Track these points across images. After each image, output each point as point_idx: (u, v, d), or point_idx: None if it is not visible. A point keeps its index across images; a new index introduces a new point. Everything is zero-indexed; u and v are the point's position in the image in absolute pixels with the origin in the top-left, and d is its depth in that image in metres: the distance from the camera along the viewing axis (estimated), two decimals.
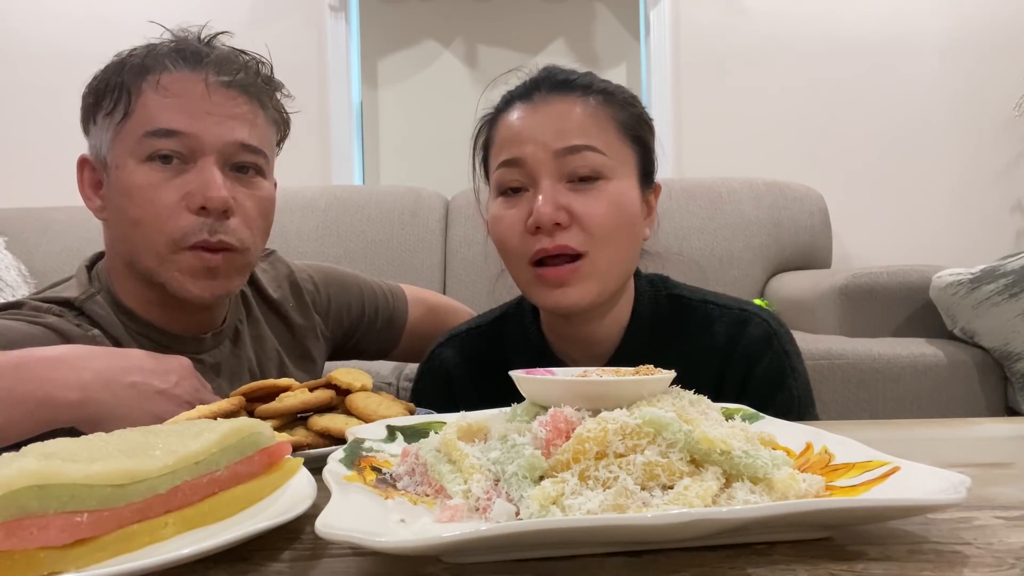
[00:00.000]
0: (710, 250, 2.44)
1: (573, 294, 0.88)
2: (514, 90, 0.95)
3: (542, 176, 0.88)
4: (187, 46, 0.91)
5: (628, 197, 0.90)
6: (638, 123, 0.94)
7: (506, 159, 0.90)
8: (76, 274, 0.96)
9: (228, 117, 0.90)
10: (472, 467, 0.47)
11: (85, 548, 0.39)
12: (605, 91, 0.93)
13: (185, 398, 0.77)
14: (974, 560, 0.40)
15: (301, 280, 1.13)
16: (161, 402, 0.75)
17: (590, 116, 0.90)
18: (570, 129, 0.88)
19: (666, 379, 0.56)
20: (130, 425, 0.53)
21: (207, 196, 0.87)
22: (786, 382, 0.93)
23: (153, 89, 0.88)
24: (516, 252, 0.90)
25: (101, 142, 0.90)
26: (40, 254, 2.40)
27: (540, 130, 0.89)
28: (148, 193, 0.87)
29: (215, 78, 0.89)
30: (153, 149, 0.87)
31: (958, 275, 1.82)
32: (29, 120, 2.77)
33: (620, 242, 0.90)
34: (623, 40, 3.07)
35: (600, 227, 0.87)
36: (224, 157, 0.89)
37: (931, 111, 2.86)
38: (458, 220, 2.56)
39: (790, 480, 0.45)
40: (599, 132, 0.89)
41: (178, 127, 0.87)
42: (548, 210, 0.85)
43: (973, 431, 0.81)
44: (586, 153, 0.87)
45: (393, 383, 1.71)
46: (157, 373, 0.76)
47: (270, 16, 2.86)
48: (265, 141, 0.94)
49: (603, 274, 0.89)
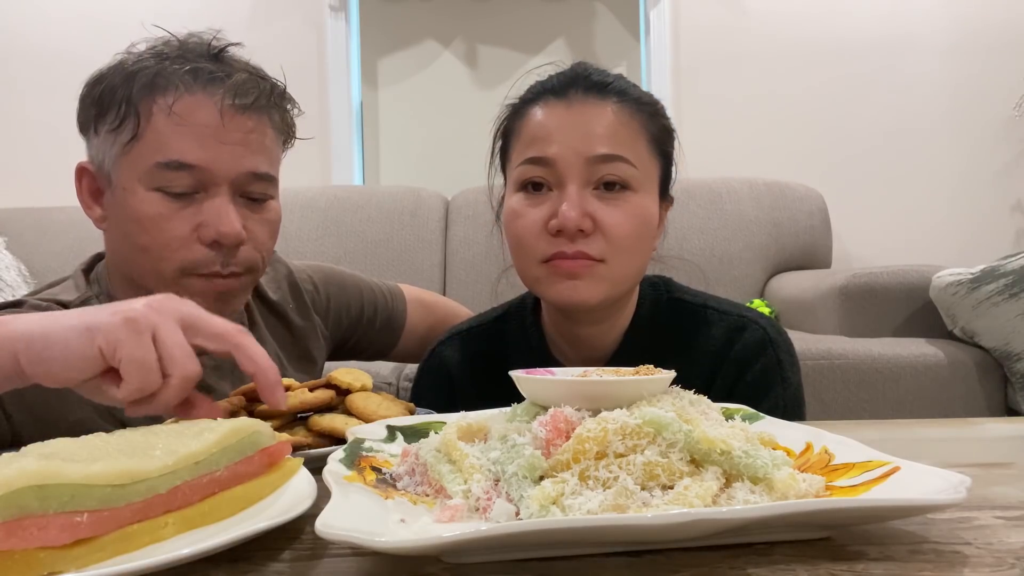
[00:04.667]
0: (710, 250, 2.44)
1: (584, 289, 0.87)
2: (546, 82, 0.93)
3: (570, 180, 0.87)
4: (201, 66, 0.87)
5: (650, 210, 0.91)
6: (666, 136, 0.94)
7: (534, 156, 0.88)
8: (73, 277, 0.95)
9: (241, 145, 0.87)
10: (472, 467, 0.47)
11: (85, 548, 0.39)
12: (639, 100, 0.92)
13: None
14: (974, 560, 0.40)
15: (300, 280, 1.13)
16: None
17: (624, 125, 0.89)
18: (605, 136, 0.87)
19: (666, 379, 0.56)
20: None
21: (221, 232, 0.85)
22: (773, 390, 0.92)
23: (165, 114, 0.85)
24: (531, 250, 0.89)
25: (104, 155, 0.88)
26: (40, 254, 2.40)
27: (574, 132, 0.87)
28: (159, 223, 0.85)
29: (229, 103, 0.86)
30: (166, 182, 0.85)
31: (958, 275, 1.82)
32: (29, 120, 2.77)
33: (637, 253, 0.90)
34: (623, 40, 3.07)
35: (622, 238, 0.87)
36: (236, 187, 0.88)
37: (931, 111, 2.86)
38: (458, 220, 2.56)
39: (790, 480, 0.45)
40: (632, 142, 0.89)
41: (192, 160, 0.85)
42: (574, 215, 0.84)
43: (973, 431, 0.81)
44: (618, 163, 0.87)
45: (393, 383, 1.71)
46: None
47: (270, 16, 2.86)
48: (275, 161, 0.93)
49: (616, 281, 0.90)
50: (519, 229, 0.90)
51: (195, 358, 0.58)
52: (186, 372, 0.57)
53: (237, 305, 0.94)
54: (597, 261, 0.87)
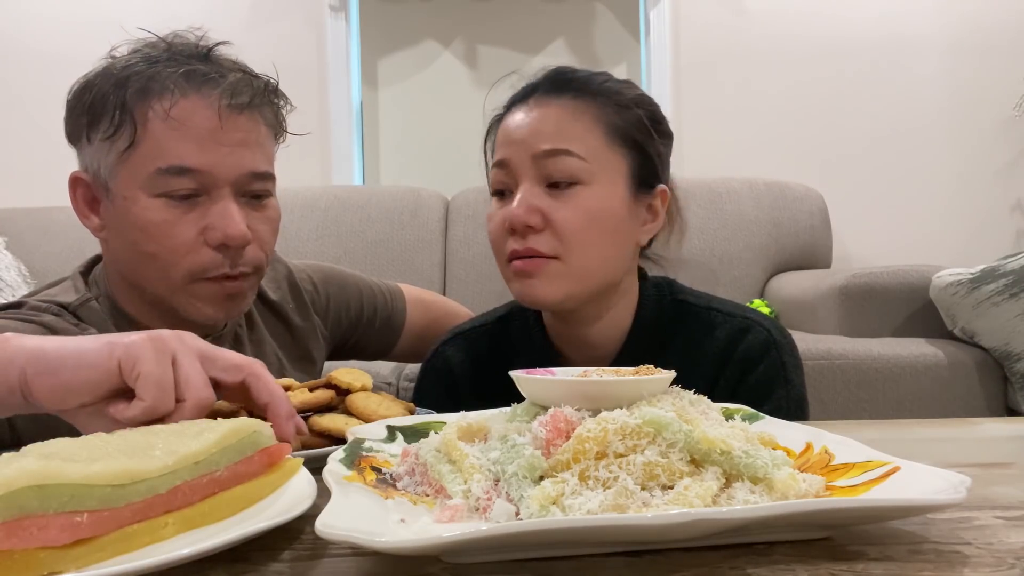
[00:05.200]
0: (710, 250, 2.44)
1: (539, 287, 0.88)
2: (518, 92, 0.95)
3: (522, 179, 0.89)
4: (194, 67, 0.86)
5: (607, 203, 0.89)
6: (636, 127, 0.92)
7: (496, 160, 0.92)
8: (71, 278, 0.95)
9: (240, 146, 0.87)
10: (472, 467, 0.47)
11: (85, 548, 0.39)
12: (603, 92, 0.92)
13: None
14: (974, 560, 0.40)
15: (300, 280, 1.13)
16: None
17: (575, 119, 0.89)
18: (550, 132, 0.88)
19: (666, 379, 0.56)
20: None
21: (227, 234, 0.85)
22: (775, 392, 0.92)
23: (161, 119, 0.84)
24: (499, 252, 0.92)
25: (99, 164, 0.87)
26: (40, 254, 2.40)
27: (524, 132, 0.89)
28: (164, 229, 0.85)
29: (226, 103, 0.85)
30: (168, 187, 0.84)
31: (958, 275, 1.82)
32: (29, 121, 2.77)
33: (596, 248, 0.89)
34: (623, 40, 3.07)
35: (573, 233, 0.87)
36: (238, 188, 0.88)
37: (931, 111, 2.86)
38: (458, 220, 2.56)
39: (790, 480, 0.45)
40: (582, 135, 0.89)
41: (192, 164, 0.84)
42: (519, 212, 0.87)
43: (973, 431, 0.81)
44: (563, 157, 0.87)
45: (393, 383, 1.71)
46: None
47: (270, 16, 2.86)
48: (271, 157, 0.94)
49: (577, 277, 0.89)
50: (489, 233, 0.93)
51: (211, 387, 0.59)
52: (200, 397, 0.57)
53: (245, 306, 0.94)
54: (550, 258, 0.88)
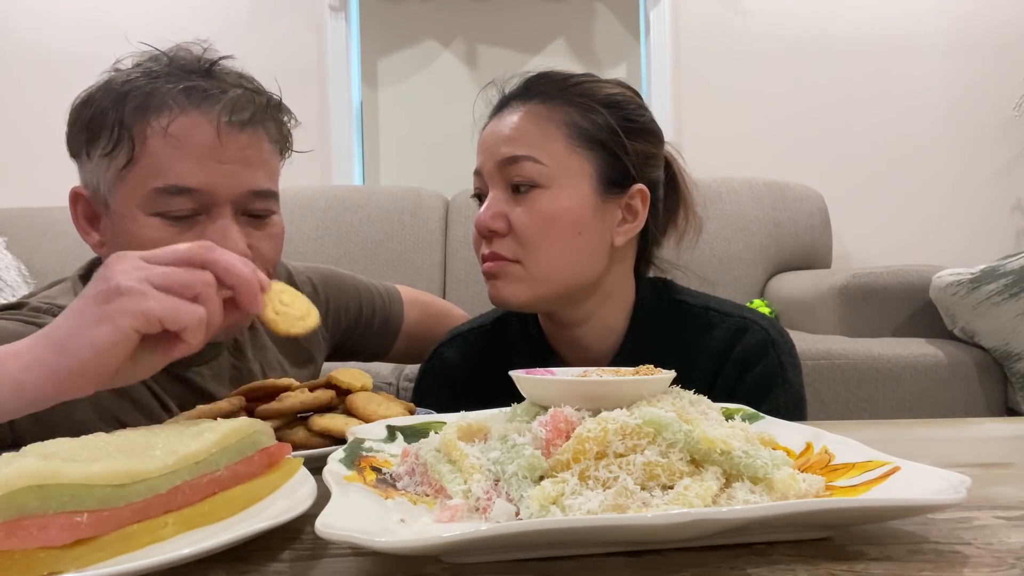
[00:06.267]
0: (710, 250, 2.44)
1: (503, 289, 0.91)
2: (497, 101, 0.98)
3: (492, 185, 0.92)
4: (194, 83, 0.84)
5: (566, 205, 0.89)
6: (602, 128, 0.91)
7: (475, 168, 0.95)
8: (70, 280, 0.94)
9: (240, 164, 0.85)
10: (472, 467, 0.47)
11: (85, 548, 0.39)
12: (570, 95, 0.92)
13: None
14: (974, 560, 0.40)
15: (299, 282, 1.13)
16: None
17: (535, 124, 0.90)
18: (510, 138, 0.90)
19: (666, 379, 0.56)
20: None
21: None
22: (773, 392, 0.92)
23: (160, 136, 0.82)
24: (477, 254, 0.95)
25: (99, 180, 0.86)
26: (40, 254, 2.40)
27: (492, 140, 0.93)
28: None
29: (226, 120, 0.83)
30: (166, 207, 0.83)
31: (958, 275, 1.82)
32: (29, 121, 2.77)
33: (555, 250, 0.89)
34: (623, 40, 3.07)
35: (530, 236, 0.89)
36: (238, 206, 0.86)
37: (931, 111, 2.86)
38: (458, 220, 2.56)
39: (790, 480, 0.45)
40: (543, 140, 0.90)
41: (191, 183, 0.82)
42: (484, 218, 0.90)
43: (973, 431, 0.81)
44: (523, 163, 0.89)
45: (393, 383, 1.71)
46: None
47: (270, 16, 2.86)
48: (274, 174, 0.92)
49: (538, 280, 0.90)
50: (472, 237, 0.96)
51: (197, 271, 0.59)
52: (230, 258, 0.60)
53: (246, 322, 0.93)
54: (511, 261, 0.90)
